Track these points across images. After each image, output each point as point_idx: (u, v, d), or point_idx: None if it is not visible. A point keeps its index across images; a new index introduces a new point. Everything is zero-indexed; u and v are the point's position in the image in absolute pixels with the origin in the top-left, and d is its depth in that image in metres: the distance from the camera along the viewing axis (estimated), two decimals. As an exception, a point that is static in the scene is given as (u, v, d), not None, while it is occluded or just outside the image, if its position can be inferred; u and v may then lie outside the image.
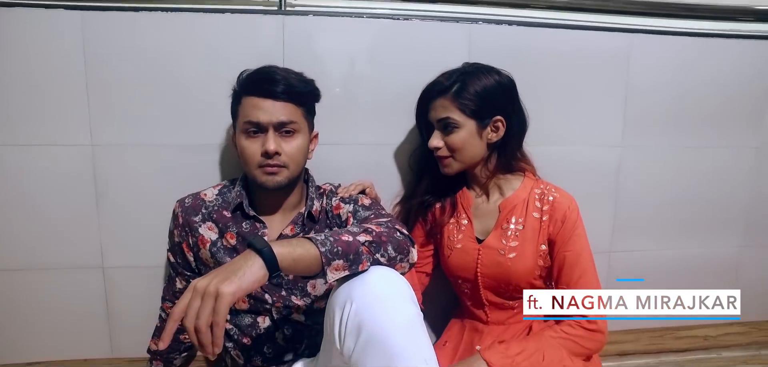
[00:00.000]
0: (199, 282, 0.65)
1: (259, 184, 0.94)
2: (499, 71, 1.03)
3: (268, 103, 0.91)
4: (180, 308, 0.65)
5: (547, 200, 1.03)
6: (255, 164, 0.92)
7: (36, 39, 1.09)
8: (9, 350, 1.22)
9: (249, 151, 0.92)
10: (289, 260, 0.70)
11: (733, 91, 1.38)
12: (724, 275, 1.50)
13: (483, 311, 1.11)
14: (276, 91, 0.91)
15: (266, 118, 0.91)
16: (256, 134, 0.92)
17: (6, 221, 1.15)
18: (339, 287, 0.76)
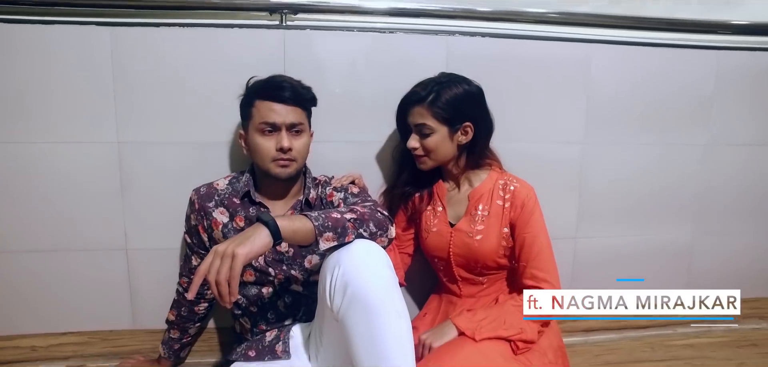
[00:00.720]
0: (219, 247, 0.83)
1: (272, 175, 1.11)
2: (470, 82, 1.20)
3: (280, 107, 1.09)
4: (204, 266, 0.82)
5: (509, 189, 1.20)
6: (270, 159, 1.10)
7: (71, 51, 1.26)
8: (44, 322, 1.39)
9: (264, 147, 1.10)
10: (289, 230, 0.87)
11: (682, 95, 1.55)
12: (678, 258, 1.67)
13: (456, 285, 1.28)
14: (287, 97, 1.09)
15: (280, 119, 1.09)
16: (270, 133, 1.10)
17: (42, 208, 1.32)
18: (329, 256, 0.94)
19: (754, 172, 1.64)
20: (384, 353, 0.86)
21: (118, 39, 1.27)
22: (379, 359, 0.86)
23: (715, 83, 1.56)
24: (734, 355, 1.52)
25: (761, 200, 1.66)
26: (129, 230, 1.36)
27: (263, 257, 1.14)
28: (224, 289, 0.81)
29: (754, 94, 1.59)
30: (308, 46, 1.34)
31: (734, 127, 1.60)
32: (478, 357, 1.03)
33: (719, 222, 1.66)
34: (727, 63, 1.55)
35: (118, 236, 1.36)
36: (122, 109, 1.30)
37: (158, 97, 1.31)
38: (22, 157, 1.29)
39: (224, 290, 0.81)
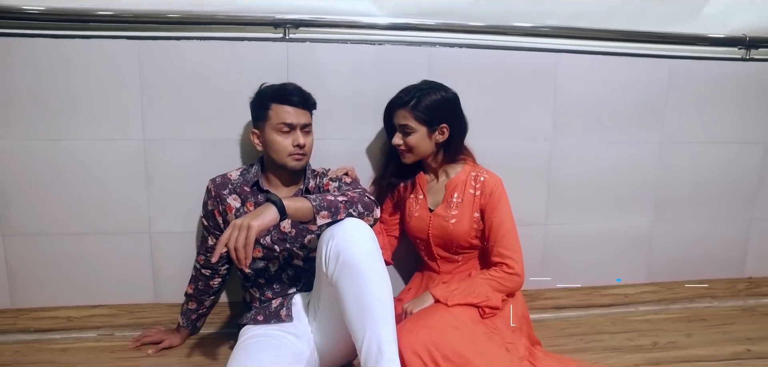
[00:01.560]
0: (236, 221, 1.03)
1: (288, 168, 1.32)
2: (447, 89, 1.40)
3: (294, 110, 1.30)
4: (225, 235, 1.02)
5: (479, 179, 1.41)
6: (287, 154, 1.30)
7: (104, 62, 1.47)
8: (79, 295, 1.60)
9: (282, 144, 1.30)
10: (292, 208, 1.08)
11: (639, 98, 1.75)
12: (639, 244, 1.86)
13: (436, 263, 1.49)
14: (299, 102, 1.31)
15: (296, 120, 1.30)
16: (287, 132, 1.30)
17: (77, 197, 1.53)
18: (325, 231, 1.14)
19: (703, 167, 1.83)
20: (369, 308, 1.06)
21: (144, 51, 1.48)
22: (365, 313, 1.06)
23: (668, 88, 1.76)
24: (684, 328, 1.72)
25: (710, 192, 1.86)
26: (152, 215, 1.57)
27: (270, 236, 1.34)
28: (241, 254, 1.01)
29: (701, 98, 1.78)
30: (308, 56, 1.54)
31: (685, 127, 1.79)
32: (449, 318, 1.24)
33: (674, 211, 1.85)
34: (678, 70, 1.75)
35: (143, 221, 1.57)
36: (147, 111, 1.51)
37: (178, 101, 1.51)
38: (63, 152, 1.50)
39: (241, 254, 1.01)
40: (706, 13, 1.85)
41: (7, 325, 1.57)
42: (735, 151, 1.84)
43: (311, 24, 1.55)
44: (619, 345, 1.60)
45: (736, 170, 1.86)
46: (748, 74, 1.81)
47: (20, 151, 1.48)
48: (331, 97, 1.53)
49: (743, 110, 1.82)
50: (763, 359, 1.51)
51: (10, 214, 1.51)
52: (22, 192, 1.51)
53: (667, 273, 1.90)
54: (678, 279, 1.91)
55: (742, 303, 1.94)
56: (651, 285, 1.90)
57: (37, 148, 1.49)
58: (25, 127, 1.47)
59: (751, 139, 1.84)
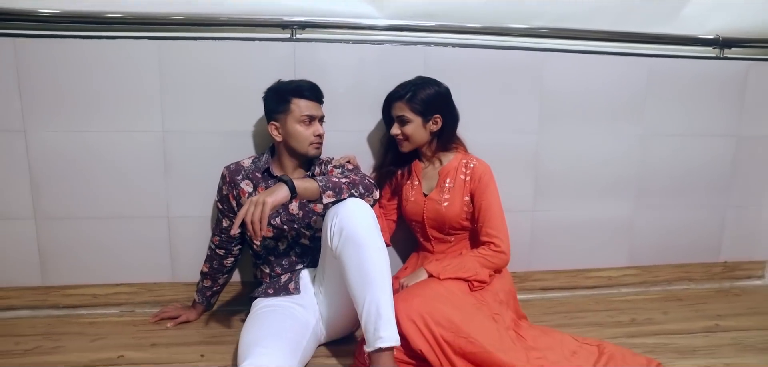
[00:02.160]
0: (252, 197, 1.17)
1: (310, 155, 1.47)
2: (439, 84, 1.54)
3: (314, 104, 1.46)
4: (243, 210, 1.16)
5: (470, 166, 1.54)
6: (308, 142, 1.46)
7: (128, 60, 1.61)
8: (103, 275, 1.74)
9: (304, 134, 1.45)
10: (301, 187, 1.22)
11: (621, 94, 1.88)
12: (621, 230, 1.99)
13: (430, 243, 1.62)
14: (317, 96, 1.48)
15: (316, 113, 1.46)
16: (308, 124, 1.45)
17: (101, 184, 1.67)
18: (329, 209, 1.28)
19: (681, 158, 1.96)
20: (369, 276, 1.20)
21: (164, 51, 1.62)
22: (365, 281, 1.20)
23: (648, 85, 1.89)
24: (661, 307, 1.86)
25: (687, 182, 1.99)
26: (170, 201, 1.71)
27: (279, 218, 1.48)
28: (256, 226, 1.15)
29: (679, 94, 1.92)
30: (313, 54, 1.68)
31: (664, 121, 1.93)
32: (441, 290, 1.37)
33: (654, 200, 1.99)
34: (657, 68, 1.88)
35: (162, 206, 1.71)
36: (166, 105, 1.65)
37: (195, 96, 1.65)
38: (89, 143, 1.64)
39: (256, 227, 1.15)
40: (684, 15, 1.98)
41: (38, 301, 1.72)
42: (710, 144, 1.98)
43: (316, 25, 1.69)
44: (600, 321, 1.73)
45: (711, 161, 1.99)
46: (722, 72, 1.94)
47: (51, 143, 1.63)
48: (334, 92, 1.66)
49: (718, 105, 1.95)
50: (729, 332, 1.64)
51: (41, 199, 1.66)
52: (52, 180, 1.65)
53: (648, 257, 2.03)
54: (658, 263, 2.04)
55: (717, 285, 2.07)
56: (632, 268, 2.03)
57: (66, 140, 1.63)
58: (56, 120, 1.61)
59: (725, 133, 1.98)
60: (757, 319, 1.75)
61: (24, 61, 1.57)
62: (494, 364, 1.26)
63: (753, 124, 1.98)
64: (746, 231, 2.08)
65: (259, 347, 1.19)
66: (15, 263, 1.69)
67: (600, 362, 1.34)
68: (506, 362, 1.26)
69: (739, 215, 2.06)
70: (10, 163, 1.62)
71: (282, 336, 1.27)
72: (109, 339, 1.55)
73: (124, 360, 1.42)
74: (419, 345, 1.27)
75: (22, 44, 1.56)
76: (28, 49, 1.57)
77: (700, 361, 1.46)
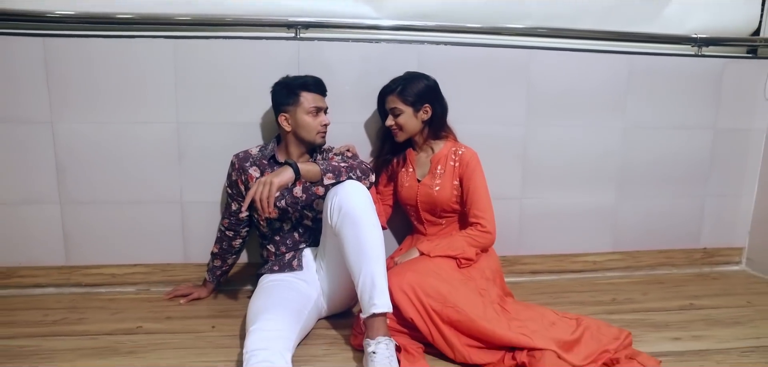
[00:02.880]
0: (261, 178, 1.31)
1: (317, 143, 1.62)
2: (428, 77, 1.68)
3: (319, 97, 1.61)
4: (252, 190, 1.29)
5: (458, 153, 1.68)
6: (315, 131, 1.60)
7: (146, 57, 1.75)
8: (121, 255, 1.88)
9: (312, 124, 1.59)
10: (304, 169, 1.36)
11: (604, 89, 2.01)
12: (606, 216, 2.11)
13: (423, 226, 1.76)
14: (323, 90, 1.62)
15: (322, 105, 1.61)
16: (316, 115, 1.59)
17: (120, 171, 1.81)
18: (330, 191, 1.42)
19: (661, 149, 2.09)
20: (364, 250, 1.33)
21: (178, 48, 1.76)
22: (361, 254, 1.34)
23: (629, 80, 2.01)
24: (642, 289, 1.98)
25: (668, 172, 2.11)
26: (183, 187, 1.85)
27: (284, 200, 1.62)
28: (265, 204, 1.29)
29: (659, 89, 2.04)
30: (316, 52, 1.82)
31: (644, 114, 2.05)
32: (431, 266, 1.51)
33: (636, 188, 2.11)
34: (638, 65, 2.01)
35: (176, 191, 1.85)
36: (180, 98, 1.79)
37: (207, 90, 1.79)
38: (110, 133, 1.78)
39: (264, 204, 1.29)
40: (665, 15, 2.11)
41: (63, 279, 1.86)
42: (689, 136, 2.10)
43: (319, 25, 1.83)
44: (582, 300, 1.86)
45: (690, 153, 2.11)
46: (700, 68, 2.06)
47: (75, 133, 1.77)
48: (335, 86, 1.77)
49: (696, 100, 2.08)
50: (702, 310, 1.77)
51: (66, 185, 1.80)
52: (76, 166, 1.80)
53: (631, 243, 2.16)
54: (641, 249, 2.16)
55: (697, 270, 2.19)
56: (617, 253, 2.15)
57: (88, 130, 1.78)
58: (79, 112, 1.76)
59: (703, 126, 2.10)
60: (729, 299, 1.87)
61: (52, 58, 1.72)
62: (478, 331, 1.39)
63: (729, 117, 2.10)
64: (725, 219, 2.20)
65: (266, 313, 1.32)
66: (42, 244, 1.84)
67: (576, 332, 1.46)
68: (489, 330, 1.38)
69: (718, 204, 2.18)
70: (38, 151, 1.77)
71: (286, 306, 1.40)
72: (128, 313, 1.69)
73: (142, 330, 1.56)
74: (410, 314, 1.41)
75: (50, 43, 1.71)
76: (55, 47, 1.71)
77: (671, 333, 1.59)
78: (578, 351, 1.40)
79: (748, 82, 2.11)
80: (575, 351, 1.39)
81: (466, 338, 1.40)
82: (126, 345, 1.47)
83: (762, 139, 2.16)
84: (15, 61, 1.71)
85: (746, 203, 2.21)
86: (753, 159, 2.17)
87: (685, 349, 1.49)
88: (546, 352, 1.34)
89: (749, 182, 2.19)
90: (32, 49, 1.71)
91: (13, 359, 1.38)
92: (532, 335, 1.39)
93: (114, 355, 1.41)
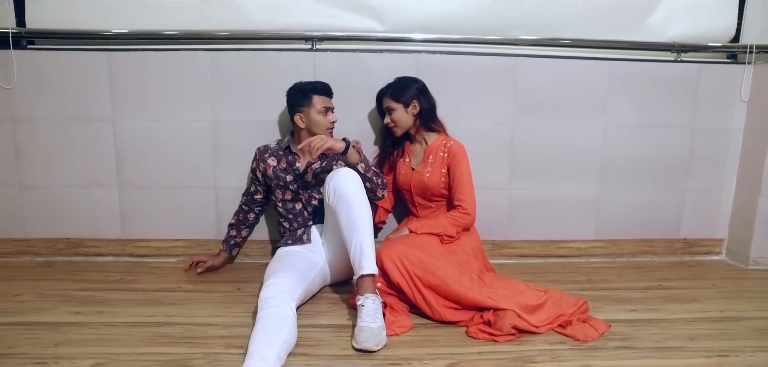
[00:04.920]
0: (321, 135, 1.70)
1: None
2: (416, 79, 1.98)
3: (328, 99, 1.92)
4: (308, 140, 1.69)
5: (447, 145, 1.95)
6: (325, 127, 1.90)
7: (186, 66, 2.12)
8: (164, 231, 2.25)
9: (322, 121, 1.90)
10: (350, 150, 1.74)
11: (586, 91, 2.23)
12: (589, 206, 2.33)
13: (416, 208, 2.04)
14: (330, 93, 1.93)
15: (330, 105, 1.92)
16: (325, 113, 1.90)
17: (166, 160, 2.18)
18: (328, 175, 1.72)
19: (640, 146, 2.29)
20: (355, 224, 1.62)
21: (215, 59, 2.12)
22: (352, 227, 1.62)
23: (609, 84, 2.23)
24: (619, 273, 2.19)
25: (647, 167, 2.31)
26: (217, 174, 2.21)
27: (297, 184, 1.94)
28: (314, 146, 1.67)
29: (639, 92, 2.25)
30: (329, 61, 2.14)
31: (623, 114, 2.26)
32: (417, 240, 1.79)
33: (617, 182, 2.32)
34: (617, 69, 2.23)
35: (211, 178, 2.21)
36: (216, 100, 2.15)
37: (238, 93, 2.15)
38: (158, 129, 2.16)
39: (314, 146, 1.66)
40: (649, 24, 2.32)
41: (119, 250, 2.26)
42: (668, 135, 2.29)
43: (332, 38, 2.15)
44: (560, 280, 2.08)
45: (669, 150, 2.30)
46: (679, 73, 2.26)
47: (131, 129, 2.16)
48: (344, 90, 2.09)
49: (674, 101, 2.27)
50: (667, 290, 1.97)
51: (123, 172, 2.19)
52: (131, 157, 2.18)
53: (613, 232, 2.36)
54: (622, 237, 2.36)
55: (678, 259, 2.38)
56: (599, 241, 2.36)
57: (142, 127, 2.16)
58: (135, 112, 2.15)
59: (682, 125, 2.29)
60: (696, 282, 2.06)
61: (114, 68, 2.11)
62: (453, 294, 1.66)
63: (707, 117, 2.29)
64: (705, 212, 2.38)
65: (277, 273, 1.64)
66: (103, 220, 2.23)
67: (541, 299, 1.71)
68: (462, 293, 1.65)
69: (698, 198, 2.36)
70: (101, 145, 2.17)
71: (294, 269, 1.71)
72: (170, 277, 2.05)
73: (181, 289, 1.92)
74: (396, 279, 1.69)
75: (113, 56, 2.11)
76: (116, 60, 2.11)
77: (630, 306, 1.80)
78: (538, 315, 1.64)
79: (726, 85, 2.28)
80: (536, 314, 1.64)
81: (443, 300, 1.67)
82: (169, 299, 1.82)
83: (740, 138, 2.32)
84: (85, 71, 2.11)
85: (726, 198, 2.37)
86: (732, 156, 2.34)
87: (636, 318, 1.71)
88: (508, 311, 1.60)
89: (729, 178, 2.35)
90: (99, 61, 2.11)
91: (87, 304, 1.76)
92: (499, 299, 1.65)
93: (160, 305, 1.77)
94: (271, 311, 1.45)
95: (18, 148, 2.16)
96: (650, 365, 1.41)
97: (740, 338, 1.57)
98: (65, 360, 1.38)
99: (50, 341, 1.49)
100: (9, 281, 1.98)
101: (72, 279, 2.01)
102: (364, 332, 1.47)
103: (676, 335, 1.58)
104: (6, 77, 2.09)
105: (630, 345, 1.52)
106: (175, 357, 1.41)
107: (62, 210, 2.22)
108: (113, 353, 1.43)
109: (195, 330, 1.58)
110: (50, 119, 2.14)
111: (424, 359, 1.43)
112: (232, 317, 1.67)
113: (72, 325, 1.60)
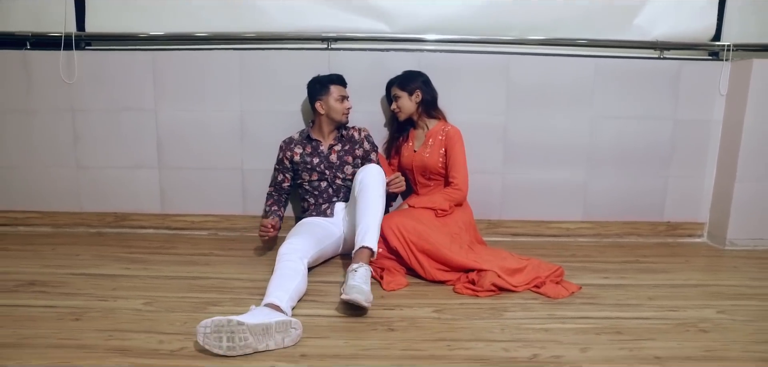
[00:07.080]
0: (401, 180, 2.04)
1: (343, 122, 2.23)
2: (420, 72, 2.26)
3: (343, 88, 2.22)
4: (395, 177, 2.04)
5: (445, 130, 2.22)
6: (341, 113, 2.20)
7: (217, 66, 2.44)
8: (196, 206, 2.57)
9: (339, 107, 2.19)
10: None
11: (573, 85, 2.46)
12: (577, 191, 2.55)
13: (417, 186, 2.31)
14: (343, 83, 2.22)
15: (345, 94, 2.22)
16: (341, 101, 2.19)
17: (200, 145, 2.50)
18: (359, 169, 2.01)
19: (624, 136, 2.50)
20: (369, 209, 1.87)
21: (243, 57, 2.44)
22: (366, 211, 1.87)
23: (594, 78, 2.45)
24: (603, 250, 2.40)
25: (631, 154, 2.52)
26: (244, 158, 2.52)
27: (322, 164, 2.23)
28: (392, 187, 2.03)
29: (623, 86, 2.46)
30: (343, 59, 2.43)
31: (608, 106, 2.48)
32: (414, 213, 2.06)
33: (603, 169, 2.53)
34: (603, 66, 2.45)
35: (238, 161, 2.53)
36: (244, 93, 2.46)
37: (262, 86, 2.46)
38: (193, 119, 2.49)
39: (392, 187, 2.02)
40: (635, 24, 2.53)
41: (158, 223, 2.59)
42: (650, 126, 2.50)
43: (345, 38, 2.44)
44: (546, 255, 2.30)
45: (651, 140, 2.51)
46: (662, 69, 2.46)
47: (171, 118, 2.49)
48: (357, 83, 2.36)
49: (657, 95, 2.47)
50: (643, 263, 2.18)
51: (163, 155, 2.53)
52: (171, 142, 2.52)
53: (600, 214, 2.57)
54: (609, 219, 2.58)
55: (661, 240, 2.57)
56: (587, 222, 2.58)
57: (180, 116, 2.49)
58: (174, 103, 2.48)
59: (664, 116, 2.49)
60: (672, 258, 2.27)
61: (158, 65, 2.45)
62: (443, 258, 1.92)
63: (688, 110, 2.48)
64: (687, 197, 2.57)
65: (295, 236, 1.94)
66: (145, 197, 2.57)
67: (521, 264, 1.95)
68: (450, 257, 1.91)
69: (680, 184, 2.55)
70: (145, 131, 2.51)
71: (310, 234, 2.00)
72: (203, 246, 2.37)
73: (213, 255, 2.23)
74: (394, 244, 1.97)
75: (157, 55, 2.45)
76: (160, 58, 2.45)
77: (603, 274, 2.03)
78: (517, 277, 1.89)
79: (706, 80, 2.47)
80: (515, 277, 1.89)
81: (435, 263, 1.94)
82: (202, 261, 2.14)
83: (719, 129, 2.51)
84: (133, 68, 2.46)
85: (707, 184, 2.56)
86: (712, 146, 2.52)
87: (607, 283, 1.94)
88: (489, 271, 1.85)
89: (709, 166, 2.54)
90: (145, 60, 2.45)
91: (135, 263, 2.09)
92: (483, 262, 1.91)
93: (195, 265, 2.09)
94: (286, 264, 1.74)
95: (77, 134, 2.52)
96: (607, 315, 1.64)
97: (693, 298, 1.78)
98: (121, 299, 1.71)
99: (108, 286, 1.82)
100: (69, 245, 2.34)
101: (120, 246, 2.35)
102: (354, 288, 1.64)
103: (637, 296, 1.80)
104: (69, 74, 2.45)
105: (594, 302, 1.75)
106: (208, 300, 1.72)
107: (111, 188, 2.57)
108: (158, 295, 1.75)
109: (224, 282, 1.89)
110: (103, 110, 2.50)
111: (414, 306, 1.70)
112: (256, 274, 1.97)
113: (124, 276, 1.93)
